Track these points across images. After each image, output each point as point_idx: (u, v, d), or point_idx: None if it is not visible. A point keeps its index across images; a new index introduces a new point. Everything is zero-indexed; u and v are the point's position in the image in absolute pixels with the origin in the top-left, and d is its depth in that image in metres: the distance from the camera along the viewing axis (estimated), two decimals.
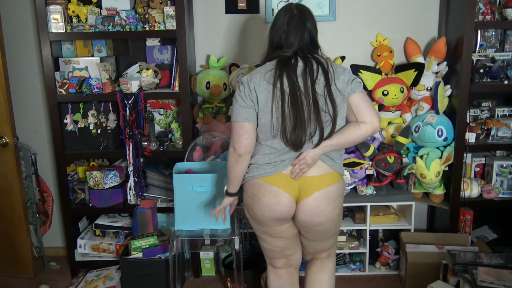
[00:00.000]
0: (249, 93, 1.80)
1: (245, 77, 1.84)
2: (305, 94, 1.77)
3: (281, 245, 2.00)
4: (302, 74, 1.79)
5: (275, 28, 1.87)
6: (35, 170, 2.96)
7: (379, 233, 2.96)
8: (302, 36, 1.83)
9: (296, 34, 1.83)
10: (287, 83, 1.77)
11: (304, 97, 1.76)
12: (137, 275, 2.52)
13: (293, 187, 1.85)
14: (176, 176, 2.39)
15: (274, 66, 1.81)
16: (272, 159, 1.84)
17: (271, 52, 1.88)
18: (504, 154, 2.87)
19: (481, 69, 2.58)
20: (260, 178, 1.86)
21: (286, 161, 1.84)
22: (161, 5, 2.61)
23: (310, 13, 1.88)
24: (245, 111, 1.81)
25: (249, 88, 1.80)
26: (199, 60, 2.96)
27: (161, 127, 2.94)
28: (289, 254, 2.05)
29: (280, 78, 1.77)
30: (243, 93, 1.82)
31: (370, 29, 2.89)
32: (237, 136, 1.83)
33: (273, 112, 1.77)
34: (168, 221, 2.82)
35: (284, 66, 1.79)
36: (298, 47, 1.83)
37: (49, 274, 2.98)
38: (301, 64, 1.81)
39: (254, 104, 1.80)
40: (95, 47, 2.79)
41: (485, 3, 2.59)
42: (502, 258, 2.25)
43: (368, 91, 2.83)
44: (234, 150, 1.85)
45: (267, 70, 1.81)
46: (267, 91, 1.78)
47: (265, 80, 1.79)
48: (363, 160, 2.65)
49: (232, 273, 2.56)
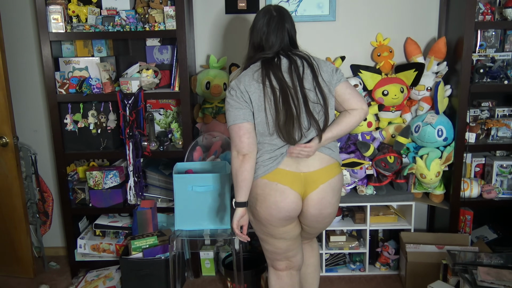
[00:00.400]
0: (241, 94, 1.82)
1: (233, 82, 1.86)
2: (293, 89, 1.81)
3: (284, 246, 2.00)
4: (288, 70, 1.83)
5: (255, 30, 1.92)
6: (35, 170, 2.96)
7: (379, 233, 2.96)
8: (282, 37, 1.88)
9: (276, 35, 1.88)
10: (275, 80, 1.81)
11: (293, 92, 1.81)
12: (137, 275, 2.52)
13: (298, 183, 1.85)
14: (176, 176, 2.39)
15: (260, 67, 1.84)
16: (273, 154, 1.86)
17: (253, 54, 1.92)
18: (504, 154, 2.87)
19: (481, 69, 2.58)
20: (264, 177, 1.86)
21: (284, 153, 1.86)
22: (161, 5, 2.61)
23: (288, 15, 1.94)
24: (242, 112, 1.82)
25: (240, 90, 1.82)
26: (199, 60, 2.96)
27: (161, 127, 2.94)
28: (291, 255, 2.05)
29: (268, 76, 1.81)
30: (235, 96, 1.83)
31: (370, 29, 2.89)
32: (238, 137, 1.82)
33: (266, 110, 1.80)
34: (168, 221, 2.82)
35: (269, 65, 1.83)
36: (280, 47, 1.88)
37: (49, 274, 2.98)
38: (285, 62, 1.85)
39: (248, 104, 1.82)
40: (95, 47, 2.79)
41: (485, 3, 2.59)
42: (502, 258, 2.25)
43: (368, 91, 2.83)
44: (237, 153, 1.84)
45: (254, 71, 1.84)
46: (258, 90, 1.81)
47: (254, 80, 1.82)
48: (363, 160, 2.65)
49: (232, 273, 2.56)
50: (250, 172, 1.84)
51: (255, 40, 1.91)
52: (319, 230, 2.09)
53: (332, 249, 2.83)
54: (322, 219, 1.95)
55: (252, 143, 1.83)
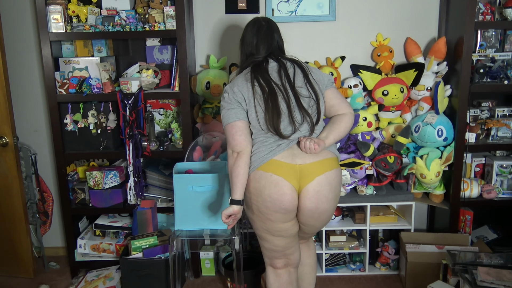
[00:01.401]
0: (234, 95, 1.94)
1: (227, 86, 1.99)
2: (283, 87, 1.93)
3: (282, 244, 2.02)
4: (277, 71, 1.97)
5: (245, 41, 2.06)
6: (35, 170, 2.96)
7: (379, 233, 2.96)
8: (271, 43, 2.03)
9: (265, 42, 2.02)
10: (263, 80, 1.93)
11: (282, 90, 1.92)
12: (137, 275, 2.52)
13: (293, 174, 1.87)
14: (176, 176, 2.39)
15: (250, 70, 1.98)
16: (269, 146, 1.92)
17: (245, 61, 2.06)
18: (504, 154, 2.87)
19: (481, 69, 2.58)
20: (260, 168, 1.89)
21: (282, 144, 1.91)
22: (161, 5, 2.61)
23: (276, 26, 2.09)
24: (234, 112, 1.93)
25: (233, 91, 1.95)
26: (199, 60, 2.96)
27: (161, 127, 2.94)
28: (289, 253, 2.07)
29: (256, 77, 1.94)
30: (228, 98, 1.95)
31: (370, 29, 2.89)
32: (231, 135, 1.93)
33: (256, 107, 1.91)
34: (168, 221, 2.82)
35: (257, 68, 1.97)
36: (268, 51, 2.02)
37: (49, 274, 2.98)
38: (274, 64, 1.99)
39: (240, 103, 1.94)
40: (95, 47, 2.79)
41: (485, 3, 2.59)
42: (502, 258, 2.25)
43: (368, 91, 2.83)
44: (232, 151, 1.93)
45: (245, 74, 1.99)
46: (250, 89, 1.93)
47: (246, 80, 1.96)
48: (363, 160, 2.65)
49: (232, 273, 2.56)
50: (243, 168, 1.90)
51: (246, 50, 2.05)
52: (315, 228, 2.08)
53: (332, 249, 2.83)
54: (318, 215, 1.94)
55: (245, 140, 1.92)
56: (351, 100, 2.79)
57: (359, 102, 2.78)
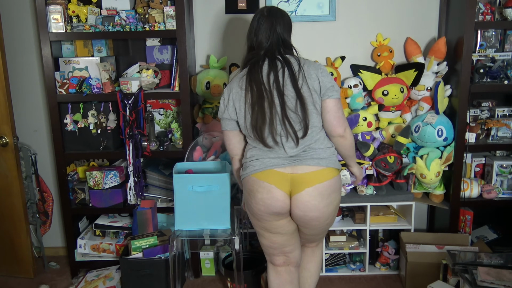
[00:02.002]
0: (227, 104, 1.92)
1: (226, 88, 1.94)
2: (269, 93, 1.82)
3: (280, 241, 2.02)
4: (267, 74, 1.85)
5: (249, 31, 1.96)
6: (35, 170, 2.96)
7: (379, 233, 2.96)
8: (269, 36, 1.88)
9: (264, 34, 1.89)
10: (255, 85, 1.84)
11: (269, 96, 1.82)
12: (137, 275, 2.52)
13: (284, 182, 1.87)
14: (176, 176, 2.39)
15: (246, 73, 1.89)
16: (260, 155, 1.91)
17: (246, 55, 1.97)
18: (504, 154, 2.87)
19: (481, 69, 2.58)
20: (253, 175, 1.91)
21: (274, 159, 1.88)
22: (161, 5, 2.61)
23: (281, 14, 1.93)
24: (224, 121, 1.98)
25: (227, 100, 1.92)
26: (199, 60, 2.96)
27: (161, 127, 2.94)
28: (288, 251, 2.06)
29: (250, 83, 1.86)
30: (223, 104, 1.95)
31: (370, 29, 2.89)
32: (225, 141, 2.05)
33: (246, 114, 1.87)
34: (168, 221, 2.82)
35: (252, 71, 1.87)
36: (267, 47, 1.89)
37: (49, 274, 2.98)
38: (266, 67, 1.86)
39: (231, 114, 1.92)
40: (95, 47, 2.79)
41: (485, 3, 2.59)
42: (502, 258, 2.24)
43: (368, 91, 2.83)
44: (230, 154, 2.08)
45: (241, 77, 1.90)
46: (242, 98, 1.88)
47: (239, 87, 1.89)
48: (363, 160, 2.65)
49: (232, 273, 2.56)
50: (236, 171, 2.06)
51: (248, 41, 1.96)
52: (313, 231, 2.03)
53: (332, 249, 2.83)
54: (308, 222, 1.93)
55: (235, 147, 2.02)
56: (351, 100, 2.79)
57: (359, 102, 2.78)
